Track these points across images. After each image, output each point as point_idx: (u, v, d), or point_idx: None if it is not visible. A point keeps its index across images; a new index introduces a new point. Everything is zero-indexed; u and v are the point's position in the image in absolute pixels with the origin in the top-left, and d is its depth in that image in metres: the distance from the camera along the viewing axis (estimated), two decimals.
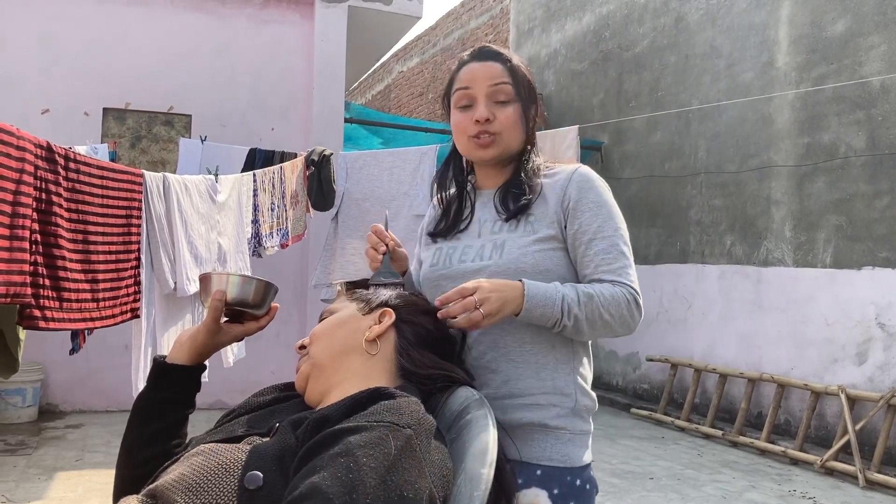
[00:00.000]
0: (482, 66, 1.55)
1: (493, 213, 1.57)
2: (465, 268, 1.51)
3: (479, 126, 1.53)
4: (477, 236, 1.56)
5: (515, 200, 1.54)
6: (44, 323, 2.89)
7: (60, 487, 4.26)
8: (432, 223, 1.69)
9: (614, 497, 4.48)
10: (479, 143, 1.55)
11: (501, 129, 1.53)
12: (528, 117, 1.58)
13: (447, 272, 1.55)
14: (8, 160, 2.62)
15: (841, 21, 5.70)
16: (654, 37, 7.61)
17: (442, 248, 1.61)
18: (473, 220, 1.60)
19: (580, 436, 1.48)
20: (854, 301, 5.47)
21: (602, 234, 1.47)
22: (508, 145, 1.55)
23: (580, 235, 1.48)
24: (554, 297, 1.38)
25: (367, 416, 1.07)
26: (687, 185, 7.10)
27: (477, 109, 1.53)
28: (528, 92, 1.57)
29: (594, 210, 1.49)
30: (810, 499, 4.60)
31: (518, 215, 1.52)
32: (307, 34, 6.87)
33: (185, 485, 1.05)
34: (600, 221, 1.48)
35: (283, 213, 5.09)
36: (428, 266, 1.61)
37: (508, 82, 1.53)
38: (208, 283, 1.38)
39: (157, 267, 3.80)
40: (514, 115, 1.53)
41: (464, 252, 1.55)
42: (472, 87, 1.54)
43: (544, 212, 1.52)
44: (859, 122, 5.52)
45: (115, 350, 5.88)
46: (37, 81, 6.09)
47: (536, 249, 1.47)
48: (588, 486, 1.48)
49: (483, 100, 1.53)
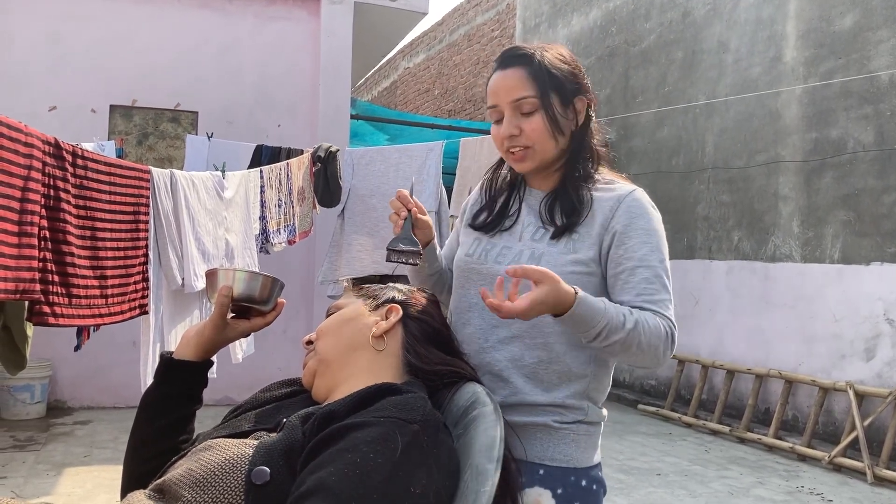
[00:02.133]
0: (504, 76, 1.49)
1: (538, 219, 1.53)
2: (499, 269, 1.46)
3: (509, 141, 1.50)
4: (518, 239, 1.52)
5: (565, 214, 1.49)
6: (53, 319, 2.90)
7: (69, 483, 4.28)
8: (473, 212, 1.65)
9: (621, 493, 4.47)
10: (513, 158, 1.52)
11: (530, 141, 1.48)
12: (563, 121, 1.49)
13: (480, 268, 1.52)
14: (16, 157, 2.63)
15: (849, 15, 5.67)
16: (661, 32, 7.58)
17: (482, 239, 1.57)
18: (518, 221, 1.55)
19: (585, 437, 1.47)
20: (862, 297, 5.45)
21: (647, 263, 1.42)
22: (543, 156, 1.50)
23: (625, 261, 1.43)
24: (597, 321, 1.33)
25: (374, 411, 1.07)
26: (694, 180, 7.08)
27: (503, 125, 1.50)
28: (561, 92, 1.49)
29: (643, 237, 1.44)
30: (818, 495, 4.58)
31: (563, 233, 1.47)
32: (313, 31, 6.87)
33: (193, 480, 1.05)
34: (647, 250, 1.43)
35: (290, 209, 5.09)
36: (463, 254, 1.59)
37: (529, 95, 1.46)
38: (215, 279, 1.38)
39: (164, 263, 3.81)
40: (540, 125, 1.47)
41: (501, 253, 1.52)
42: (498, 103, 1.50)
43: (588, 231, 1.47)
44: (867, 116, 5.50)
45: (122, 346, 5.91)
46: (44, 79, 6.11)
47: (570, 271, 1.43)
48: (595, 486, 1.46)
49: (509, 114, 1.49)
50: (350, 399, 1.13)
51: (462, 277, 1.56)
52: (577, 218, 1.47)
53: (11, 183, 2.61)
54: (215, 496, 1.03)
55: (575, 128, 1.53)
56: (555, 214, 1.50)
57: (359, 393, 1.14)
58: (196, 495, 1.03)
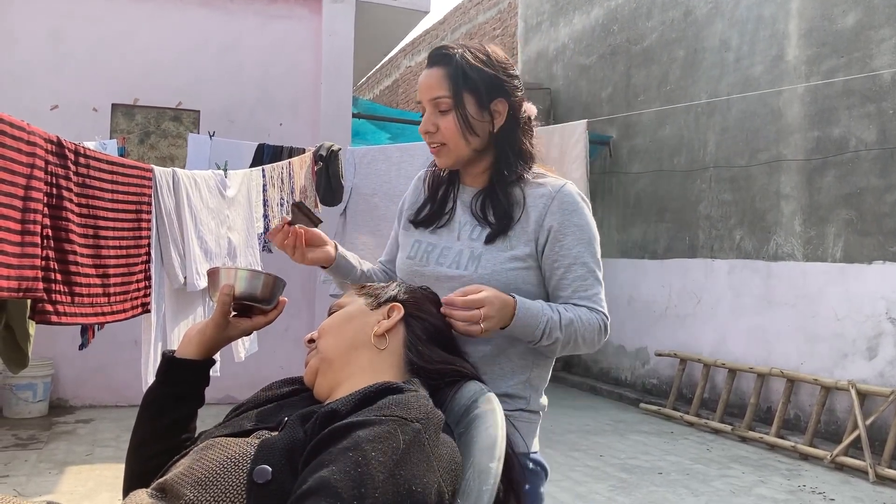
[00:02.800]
0: (427, 74, 1.56)
1: (473, 217, 1.59)
2: (440, 272, 1.55)
3: (427, 138, 1.58)
4: (456, 238, 1.59)
5: (497, 216, 1.55)
6: (56, 317, 2.91)
7: (71, 481, 4.28)
8: (415, 207, 1.71)
9: (623, 492, 4.47)
10: (433, 152, 1.60)
11: (444, 139, 1.55)
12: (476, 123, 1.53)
13: (422, 270, 1.59)
14: (19, 155, 2.64)
15: (851, 14, 5.66)
16: (663, 30, 7.57)
17: (421, 241, 1.63)
18: (454, 219, 1.62)
19: (526, 424, 1.54)
20: (864, 295, 5.44)
21: (582, 260, 1.52)
22: (457, 154, 1.57)
23: (560, 258, 1.52)
24: (539, 320, 1.44)
25: (376, 410, 1.07)
26: (696, 179, 7.08)
27: (423, 121, 1.58)
28: (477, 95, 1.53)
29: (577, 234, 1.53)
30: (820, 494, 4.58)
31: (498, 235, 1.54)
32: (315, 29, 6.87)
33: (195, 478, 1.06)
34: (581, 247, 1.52)
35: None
36: (405, 256, 1.65)
37: (444, 95, 1.52)
38: (216, 278, 1.38)
39: (166, 262, 3.81)
40: (453, 125, 1.52)
41: (441, 254, 1.58)
42: (421, 99, 1.57)
43: (524, 227, 1.54)
44: (870, 115, 5.49)
45: (124, 345, 5.91)
46: (46, 78, 6.11)
47: (511, 268, 1.51)
48: (538, 467, 1.54)
49: (428, 111, 1.56)
50: (352, 398, 1.13)
51: (407, 279, 1.60)
52: (510, 220, 1.54)
53: (14, 181, 2.62)
54: (217, 495, 1.03)
55: (493, 129, 1.56)
56: (487, 213, 1.57)
57: (360, 391, 1.14)
58: (198, 494, 1.03)
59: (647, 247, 7.67)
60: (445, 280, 1.53)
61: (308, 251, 1.67)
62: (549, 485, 4.52)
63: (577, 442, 5.65)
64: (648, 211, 7.64)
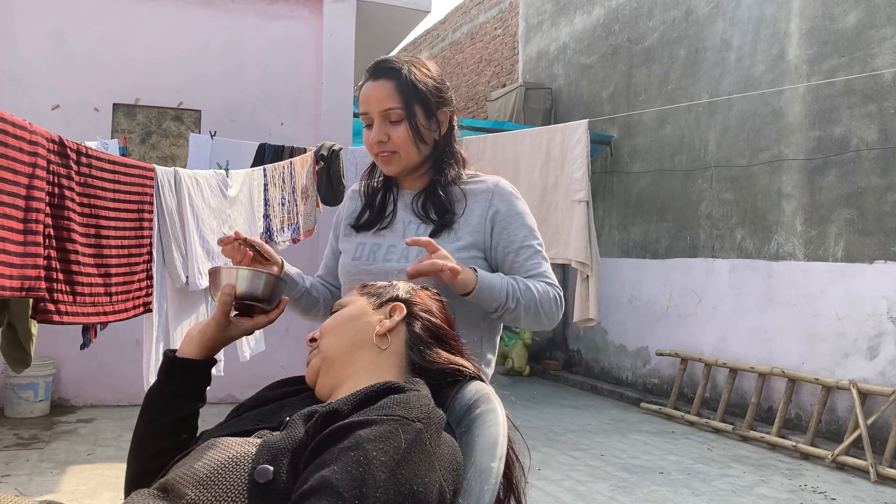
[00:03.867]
0: (374, 86, 1.63)
1: (416, 216, 1.67)
2: (389, 267, 1.61)
3: (377, 147, 1.65)
4: (401, 237, 1.66)
5: (438, 213, 1.64)
6: (58, 317, 2.91)
7: (72, 481, 4.29)
8: (354, 215, 1.77)
9: (624, 491, 4.47)
10: (382, 161, 1.67)
11: (396, 147, 1.63)
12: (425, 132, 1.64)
13: (370, 268, 1.63)
14: (21, 155, 2.64)
15: (853, 13, 5.66)
16: (664, 30, 7.57)
17: (365, 243, 1.69)
18: (397, 219, 1.70)
19: None
20: (865, 295, 5.44)
21: (528, 243, 1.67)
22: (408, 161, 1.65)
23: (509, 244, 1.66)
24: (501, 286, 1.55)
25: (377, 409, 1.07)
26: (697, 178, 7.07)
27: (372, 132, 1.65)
28: (425, 105, 1.64)
29: (520, 220, 1.67)
30: (821, 493, 4.58)
31: (443, 229, 1.63)
32: (316, 29, 6.87)
33: (196, 478, 1.06)
34: (525, 232, 1.67)
35: (293, 207, 5.10)
36: (349, 259, 1.70)
37: (396, 106, 1.61)
38: (218, 278, 1.38)
39: (168, 261, 3.81)
40: (405, 134, 1.62)
41: (388, 251, 1.65)
42: (369, 111, 1.64)
43: (468, 220, 1.64)
44: (871, 114, 5.49)
45: (126, 345, 5.92)
46: (47, 77, 6.12)
47: (459, 258, 1.57)
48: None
49: (378, 122, 1.63)
50: (353, 397, 1.13)
51: (353, 281, 1.63)
52: (452, 216, 1.64)
53: (16, 181, 2.62)
54: (219, 494, 1.03)
55: (438, 136, 1.69)
56: (429, 211, 1.66)
57: (362, 391, 1.14)
58: (199, 493, 1.04)
59: (648, 246, 7.67)
60: (394, 275, 1.57)
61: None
62: (551, 484, 4.53)
63: (578, 441, 5.65)
64: (649, 210, 7.64)
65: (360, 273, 1.64)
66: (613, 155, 8.13)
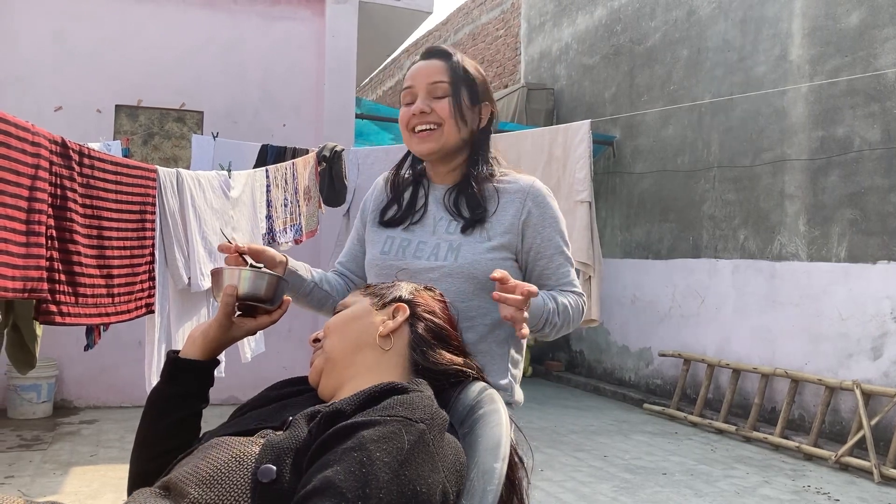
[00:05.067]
0: (425, 64, 1.66)
1: (447, 212, 1.64)
2: (419, 265, 1.58)
3: (417, 118, 1.62)
4: (431, 233, 1.63)
5: (471, 209, 1.61)
6: (60, 318, 2.91)
7: (75, 482, 4.29)
8: (380, 209, 1.74)
9: (627, 492, 4.47)
10: (418, 137, 1.64)
11: (439, 119, 1.61)
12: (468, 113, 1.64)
13: (398, 264, 1.61)
14: (24, 156, 2.64)
15: (855, 13, 5.65)
16: (666, 30, 7.57)
17: (394, 237, 1.66)
18: (427, 215, 1.66)
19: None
20: (869, 295, 5.43)
21: (560, 250, 1.65)
22: (447, 139, 1.62)
23: (543, 250, 1.63)
24: (542, 310, 1.52)
25: (380, 410, 1.07)
26: (700, 179, 7.07)
27: (416, 103, 1.63)
28: (471, 90, 1.64)
29: (553, 225, 1.64)
30: (824, 494, 4.57)
31: (475, 225, 1.60)
32: (318, 30, 6.88)
33: (199, 477, 1.06)
34: (558, 238, 1.64)
35: (296, 208, 5.10)
36: (378, 252, 1.66)
37: (445, 80, 1.62)
38: (220, 279, 1.38)
39: (171, 262, 3.82)
40: (450, 107, 1.61)
41: (418, 248, 1.61)
42: (414, 84, 1.64)
43: (500, 220, 1.61)
44: (874, 115, 5.48)
45: (128, 346, 5.92)
46: (50, 79, 6.13)
47: (490, 258, 1.56)
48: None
49: (422, 95, 1.63)
50: (356, 398, 1.13)
51: (381, 276, 1.62)
52: (485, 212, 1.61)
53: (19, 182, 2.62)
54: (221, 494, 1.03)
55: (477, 127, 1.68)
56: (461, 207, 1.63)
57: (365, 391, 1.14)
58: (202, 493, 1.04)
59: (650, 247, 7.66)
60: (424, 272, 1.56)
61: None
62: (554, 485, 4.53)
63: (581, 442, 5.65)
64: (652, 211, 7.64)
65: (388, 268, 1.61)
66: (616, 155, 8.12)
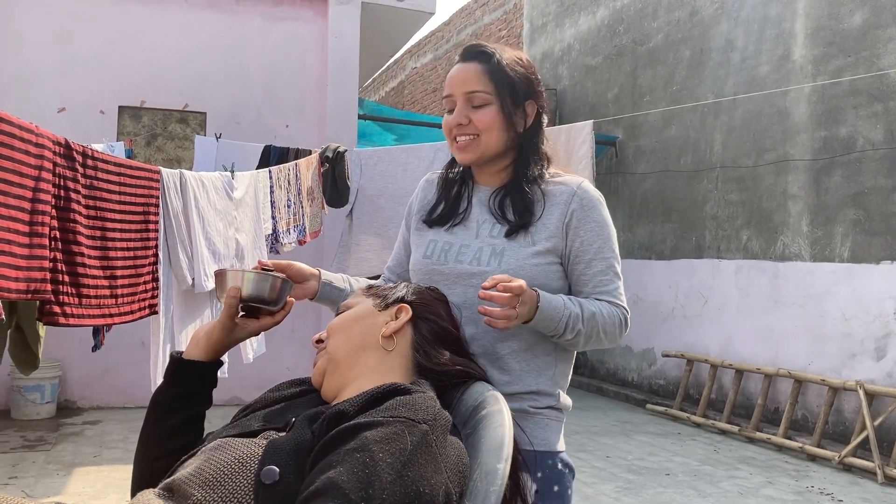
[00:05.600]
0: (462, 69, 1.57)
1: (491, 214, 1.58)
2: (461, 269, 1.54)
3: (457, 129, 1.56)
4: (475, 236, 1.57)
5: (517, 213, 1.55)
6: (63, 319, 2.92)
7: (79, 483, 4.30)
8: (427, 207, 1.69)
9: (630, 493, 4.47)
10: (457, 147, 1.58)
11: (477, 130, 1.54)
12: (511, 118, 1.55)
13: (441, 269, 1.56)
14: (28, 157, 2.65)
15: (858, 13, 5.64)
16: (669, 31, 7.56)
17: (437, 241, 1.61)
18: (471, 217, 1.61)
19: (556, 422, 1.55)
20: (872, 296, 5.42)
21: (601, 256, 1.54)
22: (486, 147, 1.56)
23: (581, 254, 1.54)
24: (561, 313, 1.44)
25: (383, 411, 1.07)
26: (702, 179, 7.06)
27: (454, 114, 1.56)
28: (513, 92, 1.55)
29: (596, 230, 1.55)
30: (828, 495, 4.57)
31: (519, 230, 1.54)
32: (321, 31, 6.88)
33: (203, 479, 1.06)
34: (601, 242, 1.54)
35: (299, 209, 5.10)
36: (420, 256, 1.62)
37: (481, 90, 1.53)
38: (224, 280, 1.38)
39: (174, 263, 3.82)
40: (489, 117, 1.53)
41: (461, 251, 1.56)
42: (453, 92, 1.57)
43: (545, 224, 1.54)
44: (877, 115, 5.47)
45: (131, 346, 5.93)
46: (53, 80, 6.14)
47: (535, 263, 1.51)
48: (567, 469, 1.54)
49: (461, 104, 1.55)
50: (359, 398, 1.13)
51: (424, 280, 1.58)
52: (531, 216, 1.55)
53: (23, 183, 2.63)
54: (225, 495, 1.03)
55: (523, 129, 1.59)
56: (506, 210, 1.57)
57: (368, 392, 1.14)
58: (206, 494, 1.04)
59: (653, 247, 7.66)
60: (467, 277, 1.51)
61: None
62: None
63: (583, 443, 5.64)
64: (655, 211, 7.63)
65: (431, 273, 1.57)
66: (618, 156, 8.12)
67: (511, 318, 1.36)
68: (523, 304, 1.37)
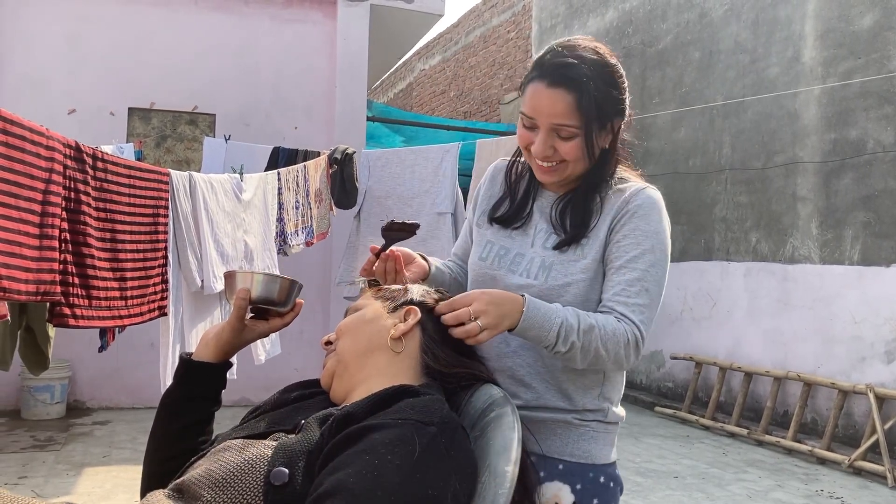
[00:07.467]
0: (549, 97, 1.41)
1: (549, 223, 1.52)
2: (511, 279, 1.49)
3: (541, 158, 1.47)
4: (530, 245, 1.52)
5: (574, 225, 1.48)
6: (73, 321, 2.93)
7: (88, 483, 4.32)
8: (492, 201, 1.63)
9: (639, 495, 4.45)
10: (540, 169, 1.49)
11: (563, 158, 1.45)
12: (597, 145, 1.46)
13: (494, 274, 1.53)
14: (38, 160, 2.66)
15: (869, 15, 5.62)
16: (678, 32, 7.55)
17: (493, 243, 1.56)
18: (531, 222, 1.55)
19: (603, 434, 1.49)
20: (882, 298, 5.40)
21: (634, 266, 1.42)
22: (573, 173, 1.49)
23: (614, 259, 1.44)
24: (552, 321, 1.32)
25: (392, 413, 1.07)
26: (712, 181, 7.04)
27: (536, 143, 1.45)
28: (602, 117, 1.45)
29: (638, 239, 1.43)
30: (838, 499, 4.54)
31: (571, 242, 1.47)
32: (330, 33, 6.90)
33: (212, 480, 1.06)
34: (638, 252, 1.43)
35: (307, 211, 5.11)
36: (477, 257, 1.58)
37: (571, 124, 1.41)
38: (233, 281, 1.39)
39: (184, 265, 3.83)
40: (577, 149, 1.44)
41: (514, 260, 1.52)
42: (537, 117, 1.44)
43: (597, 234, 1.47)
44: (887, 117, 5.44)
45: (141, 347, 5.95)
46: (63, 82, 6.17)
47: (583, 279, 1.44)
48: (612, 483, 1.48)
49: (544, 134, 1.44)
50: (368, 401, 1.13)
51: (477, 282, 1.56)
52: (586, 229, 1.47)
53: (33, 186, 2.64)
54: (234, 496, 1.04)
55: (606, 146, 1.51)
56: (565, 220, 1.50)
57: (377, 395, 1.14)
58: (215, 495, 1.04)
59: None
60: (514, 289, 1.44)
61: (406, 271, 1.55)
62: None
63: None
64: None
65: (485, 276, 1.53)
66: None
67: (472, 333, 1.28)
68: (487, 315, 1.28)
